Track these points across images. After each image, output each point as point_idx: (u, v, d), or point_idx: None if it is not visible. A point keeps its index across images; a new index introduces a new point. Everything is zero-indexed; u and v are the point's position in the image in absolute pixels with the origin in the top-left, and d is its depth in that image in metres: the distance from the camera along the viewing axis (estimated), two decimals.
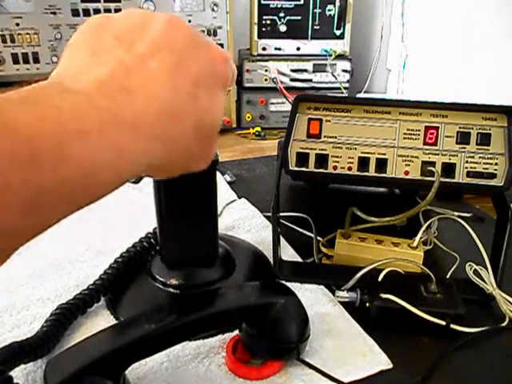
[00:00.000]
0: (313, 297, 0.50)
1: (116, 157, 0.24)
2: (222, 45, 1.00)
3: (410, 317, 0.43)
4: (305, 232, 0.63)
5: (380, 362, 0.42)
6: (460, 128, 0.51)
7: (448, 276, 0.53)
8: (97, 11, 0.89)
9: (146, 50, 0.27)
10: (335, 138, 0.52)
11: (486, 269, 0.50)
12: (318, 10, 1.05)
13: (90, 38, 0.28)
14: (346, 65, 1.08)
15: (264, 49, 1.07)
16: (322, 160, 0.53)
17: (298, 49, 1.07)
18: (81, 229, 0.64)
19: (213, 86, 0.30)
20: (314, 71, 1.08)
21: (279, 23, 1.05)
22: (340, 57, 1.08)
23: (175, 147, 0.28)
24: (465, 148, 0.51)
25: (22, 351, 0.38)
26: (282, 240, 0.59)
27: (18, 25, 0.85)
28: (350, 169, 0.52)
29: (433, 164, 0.51)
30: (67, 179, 0.21)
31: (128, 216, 0.67)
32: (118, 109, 0.24)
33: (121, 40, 0.27)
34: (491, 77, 0.89)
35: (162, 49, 0.27)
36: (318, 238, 0.60)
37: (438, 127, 0.51)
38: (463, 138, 0.51)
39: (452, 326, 0.43)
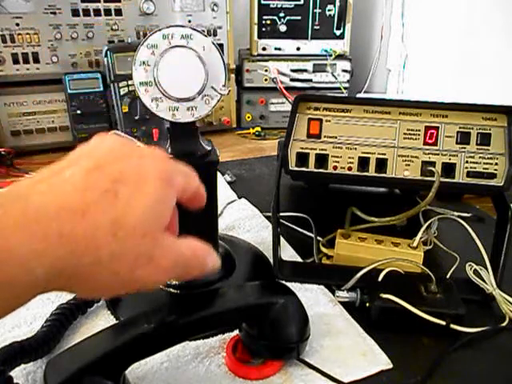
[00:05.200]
0: (313, 297, 0.50)
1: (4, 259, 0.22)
2: (221, 45, 1.00)
3: (409, 317, 0.43)
4: (305, 232, 0.63)
5: (380, 361, 0.42)
6: (460, 128, 0.51)
7: (448, 276, 0.53)
8: (97, 11, 0.89)
9: (65, 164, 0.27)
10: (335, 138, 0.52)
11: (486, 269, 0.50)
12: (318, 10, 1.05)
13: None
14: (346, 65, 1.08)
15: (264, 49, 1.07)
16: (322, 160, 0.53)
17: (298, 49, 1.07)
18: None
19: (139, 180, 0.28)
20: (314, 71, 1.08)
21: (279, 23, 1.05)
22: (340, 57, 1.08)
23: (85, 247, 0.25)
24: (465, 148, 0.51)
25: (22, 351, 0.39)
26: (282, 240, 0.59)
27: (17, 25, 0.85)
28: (350, 169, 0.52)
29: (433, 164, 0.51)
30: None
31: None
32: (4, 211, 0.23)
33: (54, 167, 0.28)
34: (491, 77, 0.89)
35: (82, 159, 0.28)
36: (318, 238, 0.60)
37: (438, 127, 0.51)
38: (463, 138, 0.51)
39: (452, 326, 0.43)
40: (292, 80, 1.07)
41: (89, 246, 0.25)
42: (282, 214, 0.63)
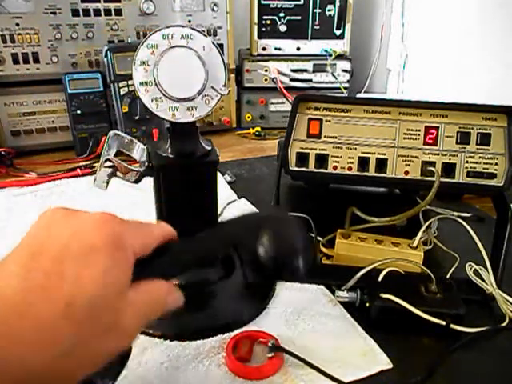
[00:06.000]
0: (313, 297, 0.50)
1: None
2: (221, 45, 1.00)
3: (410, 317, 0.43)
4: None
5: (380, 361, 0.42)
6: (460, 128, 0.51)
7: (448, 276, 0.53)
8: (97, 11, 0.89)
9: (11, 253, 0.26)
10: (335, 138, 0.52)
11: (486, 269, 0.50)
12: (318, 10, 1.05)
13: None
14: (346, 65, 1.08)
15: (264, 49, 1.07)
16: (322, 160, 0.53)
17: (298, 49, 1.07)
18: None
19: (84, 252, 0.26)
20: (314, 71, 1.08)
21: (279, 23, 1.05)
22: (340, 57, 1.08)
23: (39, 345, 0.23)
24: (465, 148, 0.51)
25: None
26: None
27: (17, 25, 0.85)
28: (350, 169, 0.52)
29: (433, 164, 0.51)
30: None
31: (128, 216, 0.67)
32: None
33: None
34: (491, 77, 0.89)
35: (22, 245, 0.26)
36: (318, 238, 0.60)
37: (438, 127, 0.51)
38: (463, 138, 0.51)
39: (452, 326, 0.43)
40: (292, 80, 1.07)
41: (43, 342, 0.23)
42: None
